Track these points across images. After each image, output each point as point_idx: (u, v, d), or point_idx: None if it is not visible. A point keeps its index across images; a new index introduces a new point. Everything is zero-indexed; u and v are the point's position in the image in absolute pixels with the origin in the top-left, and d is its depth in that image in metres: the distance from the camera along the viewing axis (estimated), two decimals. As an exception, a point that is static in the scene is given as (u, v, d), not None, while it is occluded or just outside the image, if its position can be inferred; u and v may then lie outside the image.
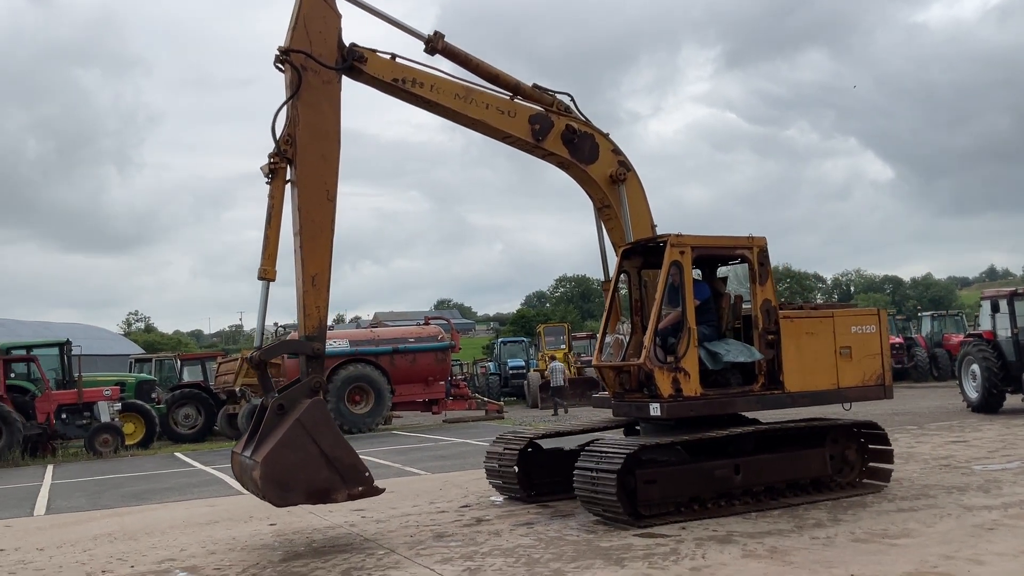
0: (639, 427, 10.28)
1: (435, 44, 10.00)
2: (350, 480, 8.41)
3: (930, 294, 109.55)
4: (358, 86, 9.63)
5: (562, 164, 10.76)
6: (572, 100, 10.84)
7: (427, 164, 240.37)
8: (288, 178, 8.88)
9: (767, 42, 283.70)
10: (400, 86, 9.64)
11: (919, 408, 22.00)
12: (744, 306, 10.18)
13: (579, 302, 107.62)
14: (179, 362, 31.76)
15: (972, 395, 19.91)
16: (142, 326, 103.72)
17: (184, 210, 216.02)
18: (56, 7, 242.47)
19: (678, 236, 9.33)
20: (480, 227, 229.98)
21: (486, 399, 31.07)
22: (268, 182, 8.89)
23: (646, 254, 10.25)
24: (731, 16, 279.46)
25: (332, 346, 25.10)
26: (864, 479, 10.17)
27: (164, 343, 74.15)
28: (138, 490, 14.53)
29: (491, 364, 43.55)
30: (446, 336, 27.11)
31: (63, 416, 21.79)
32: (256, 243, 9.10)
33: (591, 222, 11.36)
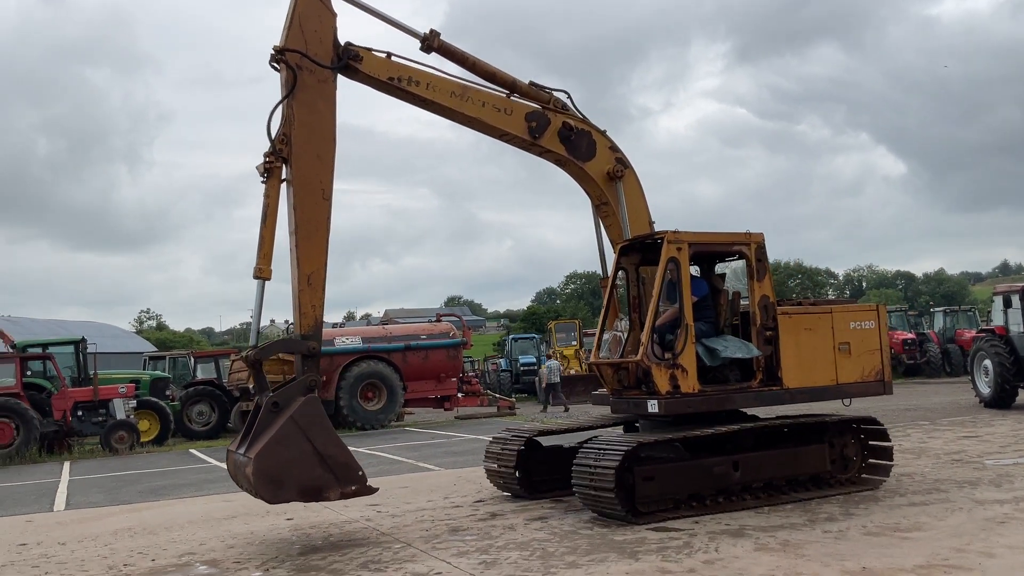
0: (639, 424, 10.30)
1: (431, 42, 10.01)
2: (343, 478, 8.42)
3: (943, 290, 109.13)
4: (361, 85, 9.67)
5: (559, 161, 10.80)
6: (569, 97, 10.87)
7: (436, 161, 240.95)
8: (284, 177, 8.88)
9: (777, 36, 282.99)
10: (396, 84, 9.69)
11: (931, 404, 22.00)
12: (742, 302, 10.19)
13: (589, 299, 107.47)
14: (193, 359, 31.95)
15: (984, 390, 19.90)
16: (154, 324, 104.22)
17: (194, 208, 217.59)
18: (66, 6, 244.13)
19: (675, 233, 9.33)
20: (490, 224, 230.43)
21: (498, 396, 31.21)
22: (264, 181, 8.86)
23: (644, 251, 10.25)
24: (741, 10, 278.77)
25: (345, 343, 25.33)
26: (864, 475, 10.13)
27: (176, 341, 74.46)
28: (155, 486, 14.70)
29: (502, 361, 43.66)
30: (458, 333, 27.22)
31: (79, 413, 22.03)
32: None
33: (594, 219, 11.40)
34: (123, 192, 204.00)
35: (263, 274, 8.87)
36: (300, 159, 8.82)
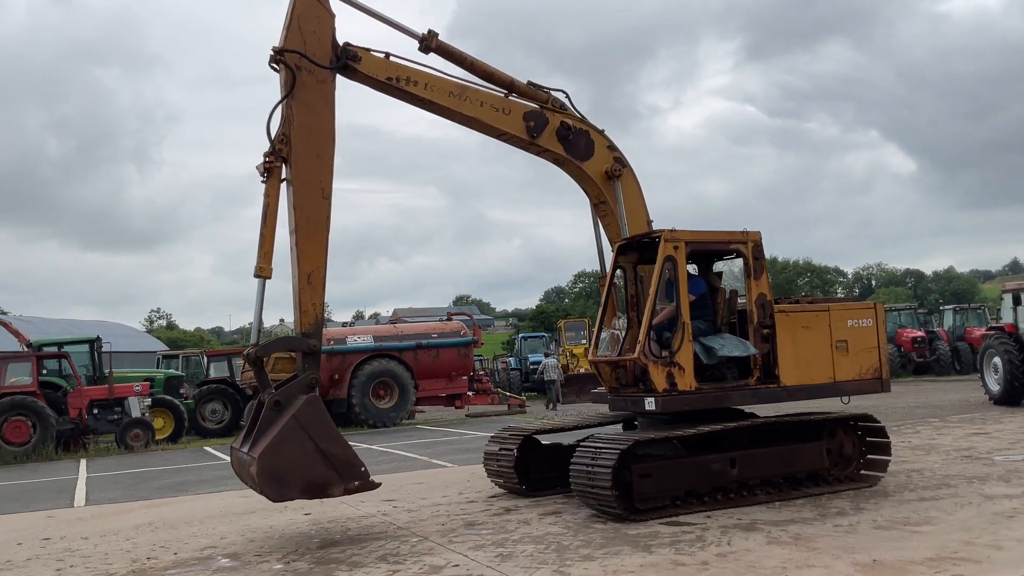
0: (637, 422, 10.35)
1: (429, 43, 10.10)
2: (346, 475, 8.52)
3: (952, 288, 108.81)
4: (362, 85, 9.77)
5: (557, 160, 10.89)
6: (567, 97, 10.96)
7: (444, 160, 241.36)
8: (283, 177, 8.98)
9: (787, 34, 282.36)
10: (394, 84, 9.79)
11: (941, 401, 22.06)
12: (740, 300, 10.23)
13: (598, 297, 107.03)
14: (206, 358, 32.17)
15: (994, 388, 19.94)
16: (164, 323, 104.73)
17: (203, 208, 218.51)
18: (76, 6, 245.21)
19: (672, 231, 9.40)
20: (498, 223, 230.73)
21: (508, 394, 31.42)
22: (264, 181, 8.96)
23: (641, 249, 10.30)
24: (750, 8, 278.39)
25: (357, 342, 25.52)
26: (862, 471, 10.16)
27: (186, 340, 74.86)
28: (172, 482, 14.89)
29: (512, 359, 43.83)
30: (468, 332, 27.38)
31: (95, 411, 22.24)
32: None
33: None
34: (132, 192, 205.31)
35: (263, 273, 8.96)
36: (300, 159, 8.91)
